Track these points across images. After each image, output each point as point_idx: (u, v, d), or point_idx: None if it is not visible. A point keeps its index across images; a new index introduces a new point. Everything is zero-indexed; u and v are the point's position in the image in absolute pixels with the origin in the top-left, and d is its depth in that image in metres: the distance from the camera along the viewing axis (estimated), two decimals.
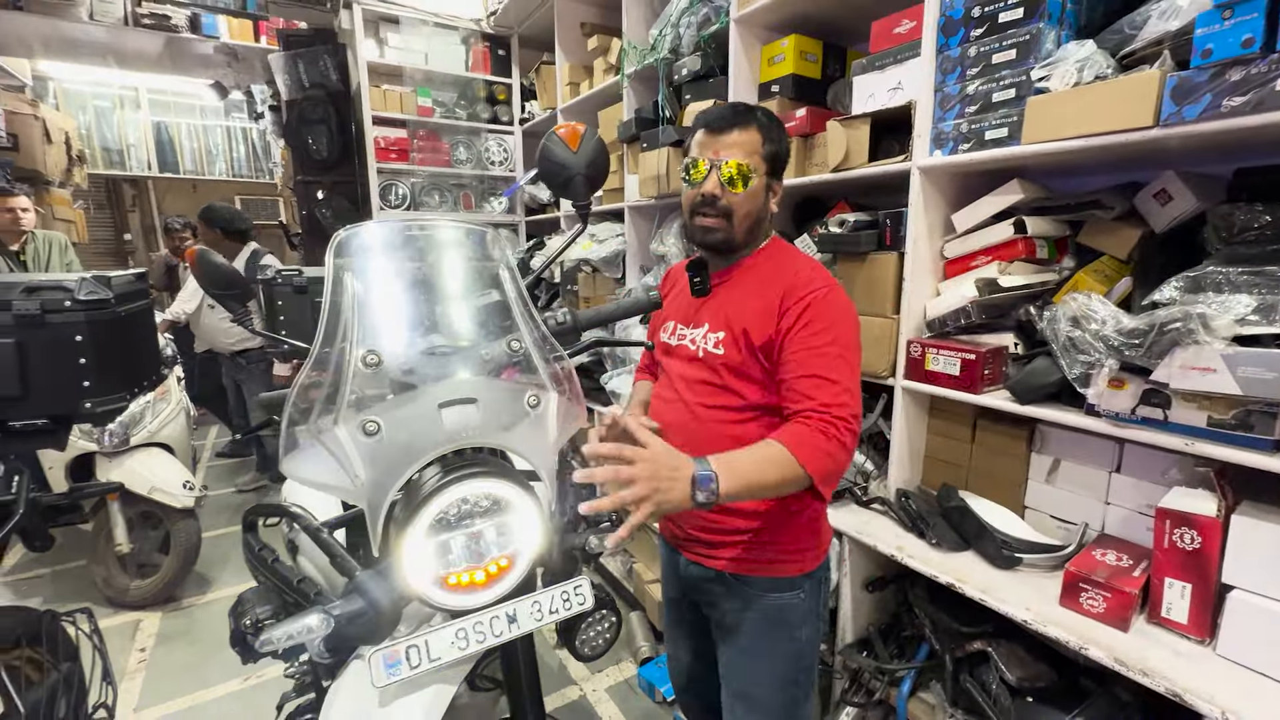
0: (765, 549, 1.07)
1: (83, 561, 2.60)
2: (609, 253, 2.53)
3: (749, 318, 1.03)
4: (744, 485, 0.84)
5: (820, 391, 0.94)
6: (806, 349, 0.97)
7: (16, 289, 1.26)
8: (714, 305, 1.10)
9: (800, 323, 0.99)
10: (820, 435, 0.90)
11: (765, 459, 0.88)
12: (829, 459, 0.90)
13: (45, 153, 4.47)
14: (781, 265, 1.07)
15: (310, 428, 0.75)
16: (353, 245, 0.84)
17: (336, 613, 0.75)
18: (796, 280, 1.01)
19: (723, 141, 1.03)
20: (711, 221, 1.05)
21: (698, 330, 1.11)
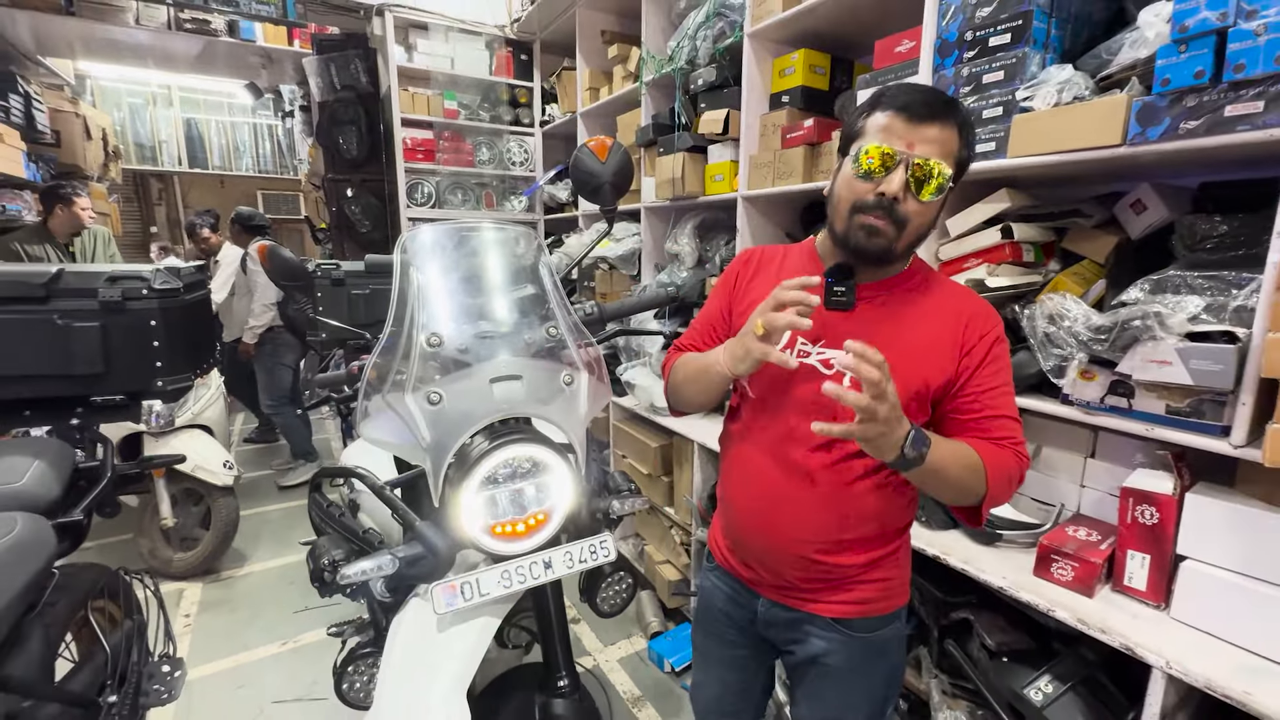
0: (870, 586, 0.99)
1: (130, 535, 2.77)
2: (625, 251, 2.66)
3: (924, 353, 0.89)
4: (940, 467, 0.81)
5: (1009, 430, 0.90)
6: (995, 388, 0.91)
7: (100, 278, 1.42)
8: (859, 326, 0.89)
9: (989, 358, 0.91)
10: (1014, 461, 0.88)
11: (961, 459, 0.84)
12: (1007, 486, 0.87)
13: (85, 149, 4.67)
14: (946, 289, 0.95)
15: (384, 398, 0.89)
16: (416, 244, 0.98)
17: (401, 554, 0.89)
18: (978, 310, 0.92)
19: (921, 134, 0.82)
20: (882, 224, 0.85)
21: (836, 351, 0.85)
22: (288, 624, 2.36)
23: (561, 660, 1.04)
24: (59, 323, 1.37)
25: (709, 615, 1.16)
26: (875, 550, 0.98)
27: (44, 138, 4.21)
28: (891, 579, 1.01)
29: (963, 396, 0.91)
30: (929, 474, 0.81)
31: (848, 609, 0.99)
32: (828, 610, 1.00)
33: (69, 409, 1.46)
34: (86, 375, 1.40)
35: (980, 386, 0.90)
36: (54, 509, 1.22)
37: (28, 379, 1.37)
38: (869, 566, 0.98)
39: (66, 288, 1.38)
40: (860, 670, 1.03)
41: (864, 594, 0.99)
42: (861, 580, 0.99)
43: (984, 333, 0.91)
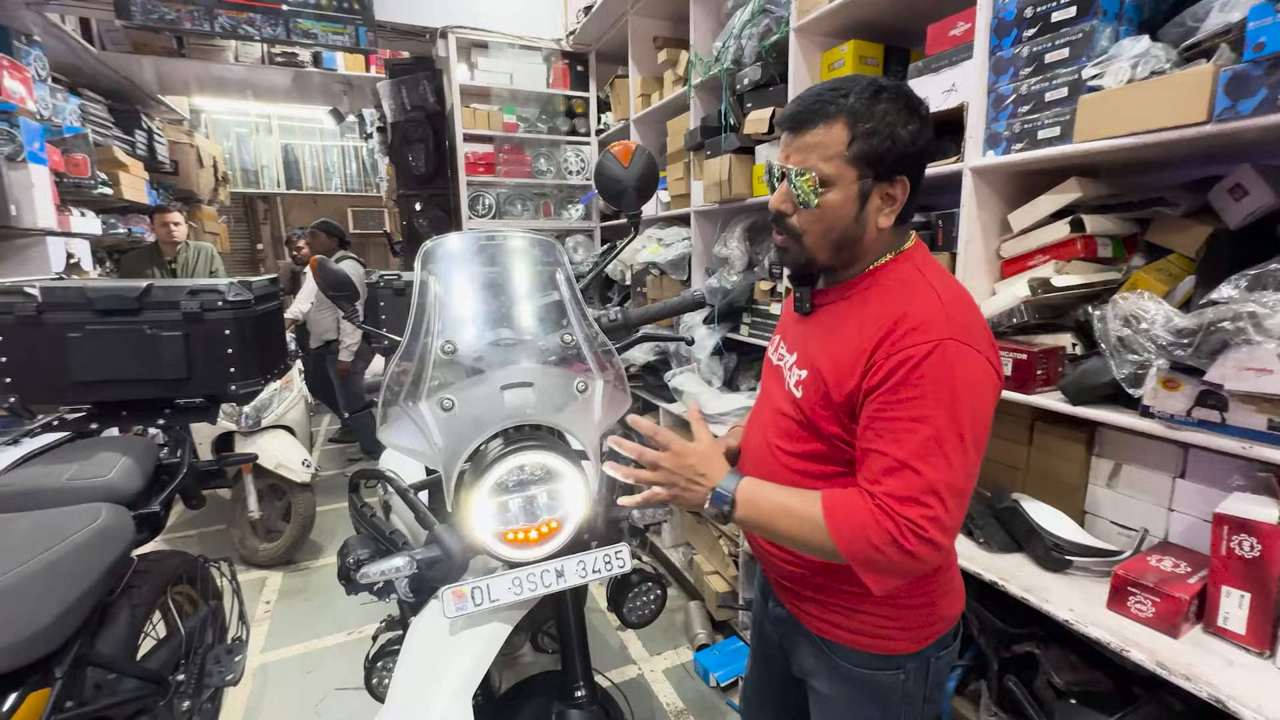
0: (854, 616, 0.89)
1: (223, 526, 3.04)
2: (675, 256, 2.64)
3: (832, 364, 0.83)
4: (759, 521, 0.81)
5: (890, 478, 0.73)
6: (886, 420, 0.75)
7: (183, 291, 1.56)
8: (808, 333, 0.91)
9: (889, 383, 0.75)
10: (871, 521, 0.73)
11: (793, 511, 0.79)
12: (871, 550, 0.72)
13: (198, 176, 5.21)
14: (895, 300, 0.80)
15: (401, 404, 0.92)
16: (436, 254, 1.01)
17: (419, 556, 0.91)
18: (902, 322, 0.76)
19: (798, 143, 0.81)
20: (780, 239, 0.87)
21: (790, 357, 0.92)
22: (355, 614, 2.49)
23: (579, 669, 1.04)
24: (148, 332, 1.51)
25: (755, 604, 1.16)
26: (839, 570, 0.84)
27: (164, 167, 4.73)
28: (892, 617, 0.88)
29: (863, 420, 0.79)
30: (749, 528, 0.84)
31: (830, 630, 0.92)
32: (812, 623, 0.95)
33: (158, 410, 1.62)
34: (172, 380, 1.54)
35: (872, 413, 0.77)
36: (136, 501, 1.35)
37: (124, 383, 1.52)
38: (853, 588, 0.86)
39: (155, 300, 1.52)
40: (845, 705, 0.94)
41: (848, 620, 0.90)
42: (843, 605, 0.90)
43: (896, 350, 0.75)
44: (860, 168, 0.79)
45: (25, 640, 1.00)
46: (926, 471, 0.71)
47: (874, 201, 0.82)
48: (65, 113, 3.46)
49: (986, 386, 0.77)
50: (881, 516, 0.72)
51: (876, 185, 0.81)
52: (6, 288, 1.46)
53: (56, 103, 3.36)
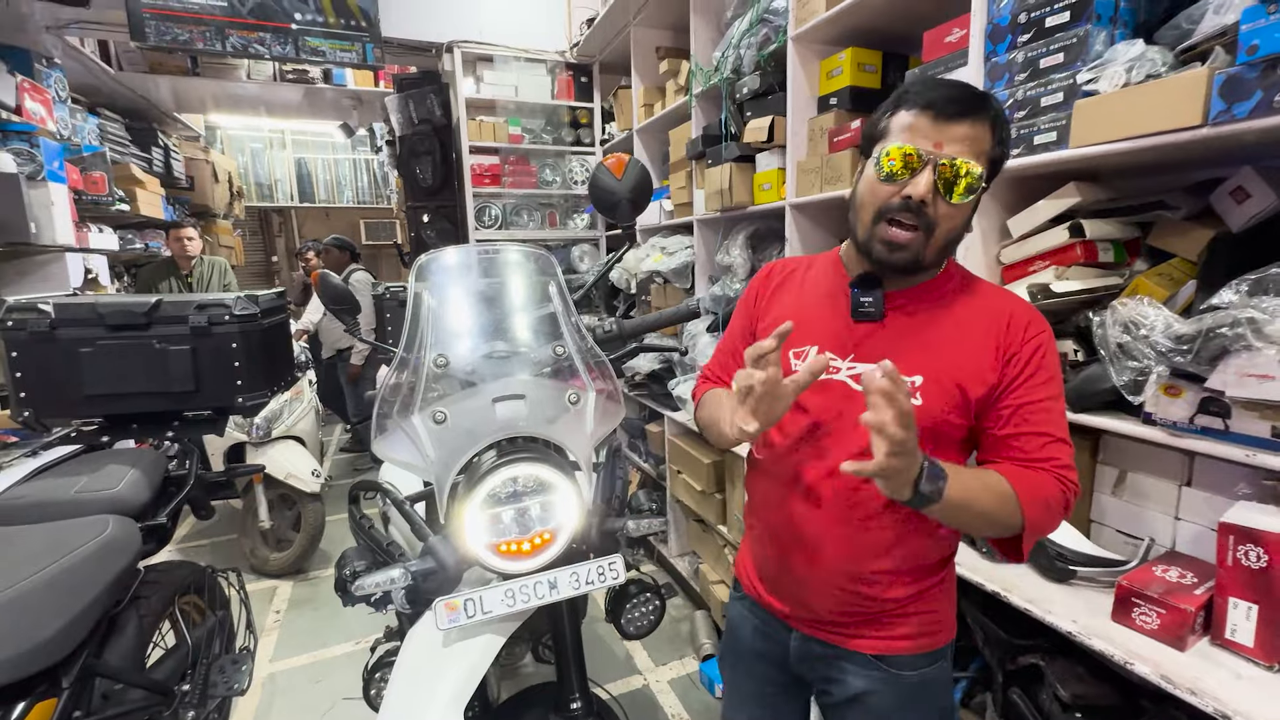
0: (911, 622, 0.92)
1: (234, 535, 3.08)
2: (679, 264, 2.64)
3: (963, 360, 0.82)
4: (963, 501, 0.72)
5: (1055, 451, 0.80)
6: (1038, 402, 0.81)
7: (191, 306, 1.59)
8: (892, 338, 0.85)
9: (1030, 369, 0.81)
10: (1055, 486, 0.79)
11: (989, 488, 0.76)
12: (1049, 515, 0.79)
13: (214, 191, 5.31)
14: (984, 292, 0.87)
15: (394, 417, 0.93)
16: (430, 268, 1.02)
17: (413, 568, 0.92)
18: (1018, 316, 0.83)
19: (950, 133, 0.76)
20: (907, 235, 0.79)
21: (868, 365, 0.80)
22: (362, 624, 2.50)
23: (575, 681, 1.04)
24: (157, 346, 1.54)
25: (737, 647, 1.08)
26: (916, 581, 0.91)
27: (180, 183, 4.83)
28: (936, 612, 0.94)
29: (1001, 408, 0.82)
30: (950, 509, 0.73)
31: (890, 644, 0.92)
32: (868, 646, 0.92)
33: (167, 423, 1.65)
34: (180, 393, 1.57)
35: (1021, 399, 0.82)
36: (143, 512, 1.37)
37: (134, 396, 1.56)
38: (911, 599, 0.91)
39: (163, 315, 1.56)
40: (908, 712, 0.95)
41: (907, 629, 0.92)
42: (903, 614, 0.91)
43: (1029, 337, 0.82)
44: (989, 171, 0.80)
45: (31, 650, 1.02)
46: (1067, 438, 0.82)
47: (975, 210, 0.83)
48: (84, 132, 3.56)
49: None
50: (1058, 485, 0.79)
51: (983, 190, 0.80)
52: (21, 305, 1.50)
53: (76, 122, 3.45)
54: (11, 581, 1.06)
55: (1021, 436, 0.81)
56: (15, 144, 2.80)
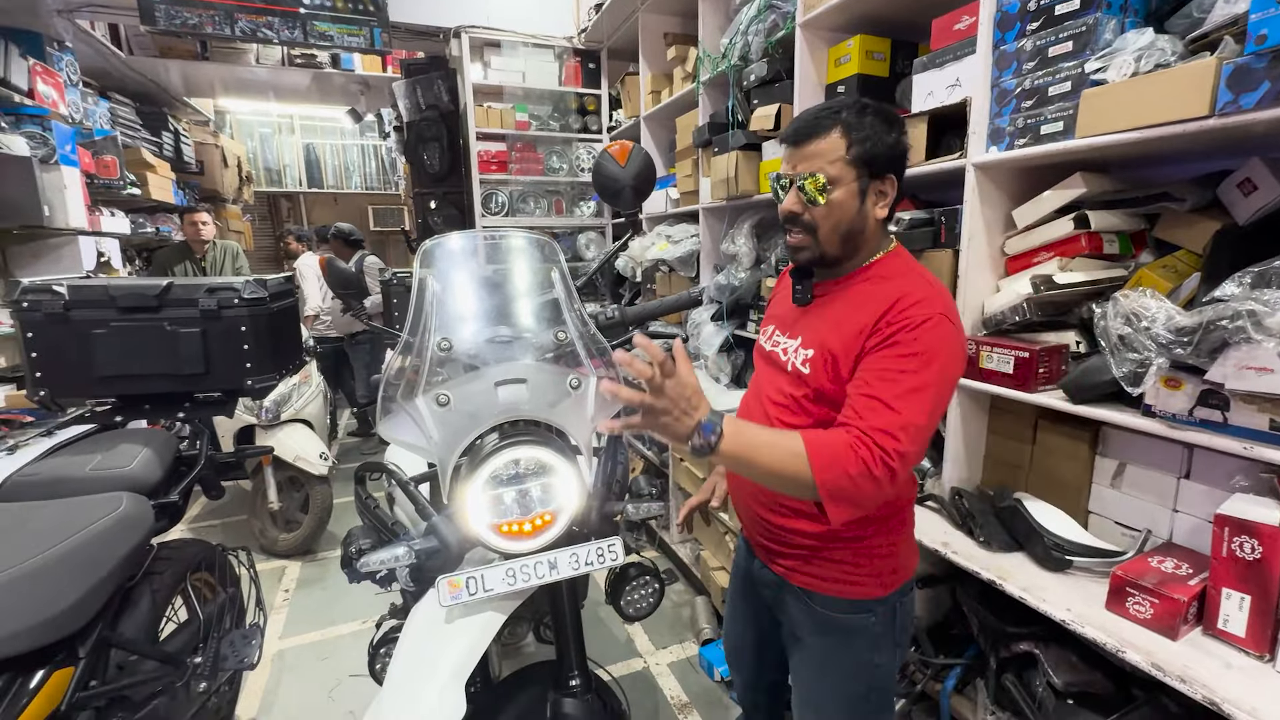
0: (828, 566, 1.03)
1: (245, 516, 3.13)
2: (684, 253, 2.65)
3: (840, 340, 0.95)
4: (742, 454, 0.83)
5: (873, 414, 0.84)
6: (879, 369, 0.88)
7: (201, 290, 1.61)
8: (811, 319, 1.04)
9: (889, 343, 0.89)
10: (849, 451, 0.82)
11: (776, 445, 0.85)
12: (845, 479, 0.81)
13: (223, 176, 5.34)
14: (890, 285, 0.95)
15: (399, 399, 0.95)
16: (435, 253, 1.04)
17: (417, 546, 0.94)
18: (904, 300, 0.91)
19: (802, 154, 0.97)
20: (797, 239, 1.00)
21: (792, 341, 1.04)
22: (369, 604, 2.55)
23: (574, 659, 1.06)
24: (168, 329, 1.57)
25: (735, 570, 1.30)
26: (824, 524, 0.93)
27: (190, 167, 4.86)
28: (859, 566, 1.03)
29: (856, 374, 0.93)
30: (730, 462, 0.85)
31: (811, 581, 1.06)
32: (796, 579, 1.07)
33: (178, 404, 1.68)
34: (191, 375, 1.60)
35: (869, 366, 0.91)
36: (156, 490, 1.40)
37: (146, 378, 1.58)
38: (828, 542, 1.02)
39: (174, 298, 1.58)
40: (827, 650, 1.08)
41: (825, 571, 1.04)
42: (822, 556, 1.04)
43: (903, 316, 0.90)
44: (858, 168, 0.95)
45: (49, 620, 1.06)
46: (904, 411, 0.84)
47: (870, 197, 0.97)
48: (95, 116, 3.58)
49: (962, 359, 0.95)
50: (860, 447, 0.83)
51: (871, 183, 0.96)
52: (36, 286, 1.53)
53: (87, 106, 3.47)
54: (29, 555, 1.10)
55: (853, 397, 0.89)
56: (28, 127, 2.83)
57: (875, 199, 0.97)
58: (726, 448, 0.83)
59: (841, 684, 1.08)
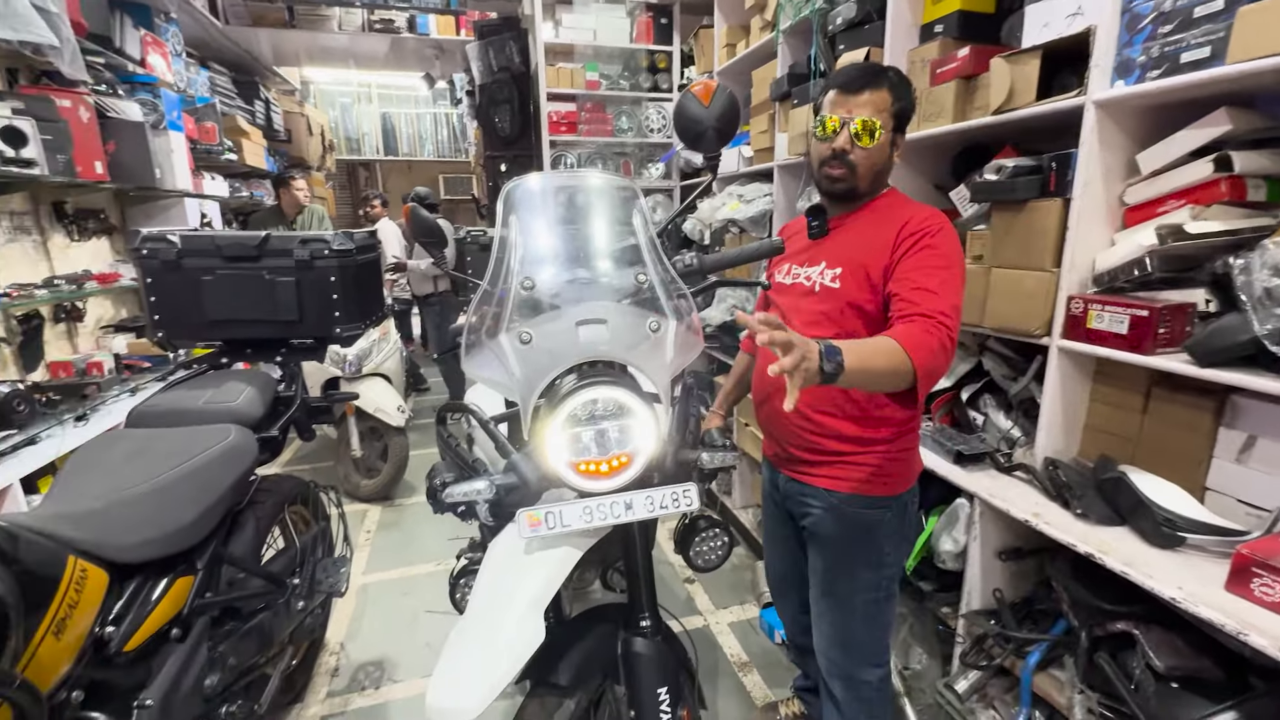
0: (857, 469, 1.20)
1: (331, 462, 3.36)
2: (756, 212, 2.56)
3: (868, 253, 1.14)
4: (861, 365, 0.89)
5: (927, 301, 1.03)
6: (918, 268, 1.07)
7: (295, 241, 1.70)
8: (831, 246, 1.22)
9: (916, 248, 1.09)
10: (926, 334, 0.98)
11: (879, 348, 0.96)
12: (931, 355, 0.97)
13: (308, 144, 5.60)
14: (898, 209, 1.17)
15: (483, 337, 0.96)
16: (517, 194, 1.04)
17: (498, 481, 0.97)
18: (914, 218, 1.13)
19: (856, 100, 1.13)
20: (839, 173, 1.17)
21: (814, 268, 1.23)
22: (443, 547, 2.70)
23: (645, 601, 1.07)
24: (266, 278, 1.67)
25: (765, 498, 1.45)
26: (859, 429, 1.19)
27: (279, 135, 5.12)
28: (881, 468, 1.20)
29: (893, 280, 1.10)
30: (854, 376, 0.89)
31: (836, 483, 1.22)
32: (822, 481, 1.23)
33: (275, 349, 1.80)
34: (286, 321, 1.70)
35: (905, 269, 1.08)
36: (258, 425, 1.51)
37: (248, 323, 1.70)
38: (856, 450, 1.20)
39: (272, 249, 1.67)
40: (845, 540, 1.24)
41: (849, 472, 1.21)
42: (849, 461, 1.21)
43: (914, 231, 1.10)
44: (894, 121, 1.15)
45: (171, 534, 1.17)
46: (945, 295, 1.04)
47: (894, 147, 1.18)
48: (197, 84, 3.81)
49: (962, 257, 1.13)
50: (935, 328, 0.99)
51: (895, 135, 1.17)
52: (154, 235, 1.66)
53: (189, 75, 3.70)
54: (156, 473, 1.21)
55: (903, 295, 1.06)
56: (140, 95, 3.04)
57: (894, 149, 1.18)
58: (850, 363, 0.88)
59: (857, 571, 1.24)
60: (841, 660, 1.31)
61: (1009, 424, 1.53)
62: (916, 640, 1.63)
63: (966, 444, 1.52)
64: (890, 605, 1.29)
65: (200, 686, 1.19)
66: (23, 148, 2.24)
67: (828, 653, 1.32)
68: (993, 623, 1.41)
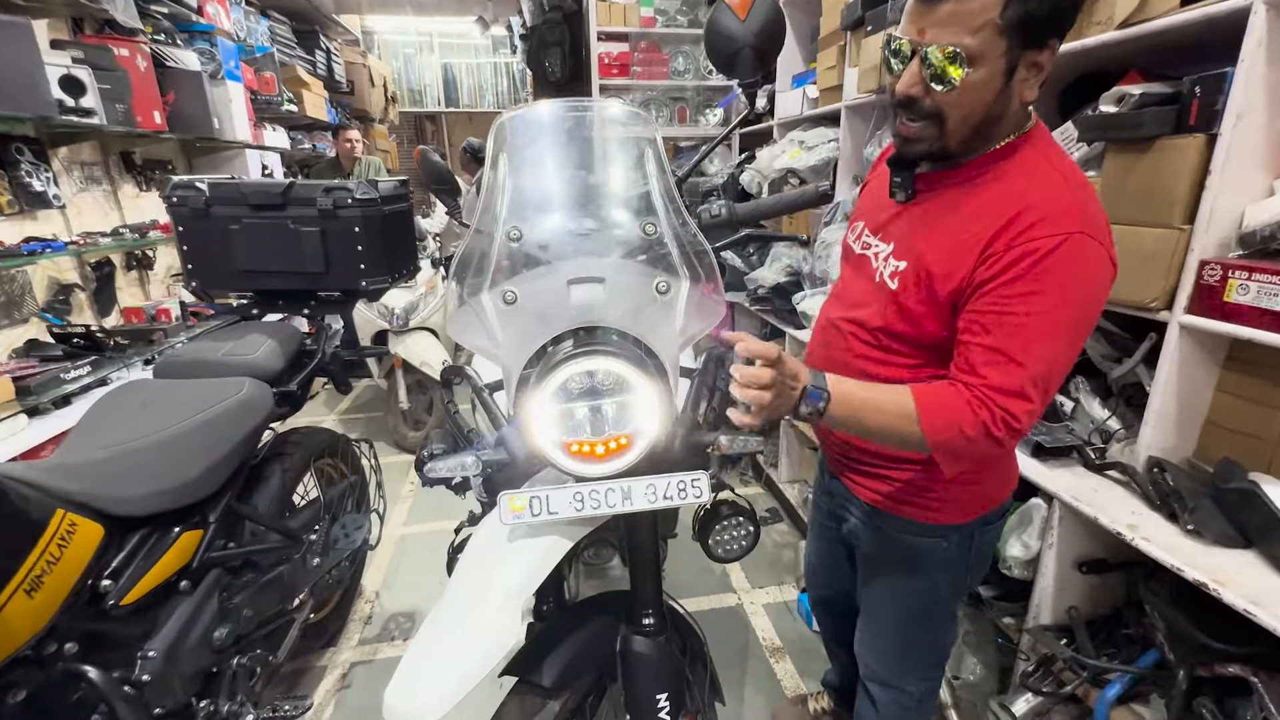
0: (906, 489, 0.97)
1: (382, 413, 3.43)
2: (819, 160, 2.30)
3: (941, 258, 0.80)
4: (851, 418, 0.78)
5: (994, 371, 0.74)
6: (999, 311, 0.74)
7: (319, 189, 1.63)
8: (909, 221, 0.87)
9: (1007, 275, 0.73)
10: (966, 411, 0.74)
11: (885, 406, 0.78)
12: (960, 440, 0.75)
13: (371, 95, 5.62)
14: (1018, 188, 0.76)
15: (465, 295, 0.84)
16: (510, 127, 0.89)
17: (485, 457, 0.87)
18: (1029, 212, 0.72)
19: (935, 14, 0.72)
20: (912, 129, 0.80)
21: (884, 246, 0.90)
22: None
23: (650, 596, 0.96)
24: (291, 227, 1.62)
25: (816, 489, 1.28)
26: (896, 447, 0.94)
27: (340, 87, 5.15)
28: (933, 491, 0.95)
29: (968, 312, 0.78)
30: (839, 423, 0.79)
31: (876, 497, 1.01)
32: (861, 493, 1.03)
33: (304, 302, 1.77)
34: (313, 273, 1.66)
35: (986, 306, 0.75)
36: (277, 379, 1.49)
37: (276, 274, 1.67)
38: (899, 463, 0.96)
39: (296, 197, 1.62)
40: (887, 563, 1.05)
41: (894, 490, 0.98)
42: (893, 474, 0.98)
43: (1016, 241, 0.73)
44: (1011, 37, 0.71)
45: (180, 486, 1.15)
46: (1031, 365, 0.73)
47: (1021, 72, 0.74)
48: (256, 34, 3.83)
49: (1106, 283, 0.76)
50: (979, 407, 0.74)
51: (1025, 54, 0.73)
52: (183, 182, 1.63)
53: (249, 24, 3.71)
54: (166, 425, 1.19)
55: (970, 346, 0.77)
56: (198, 44, 3.07)
57: (1027, 75, 0.75)
58: (835, 411, 0.77)
59: (903, 599, 1.07)
60: (880, 670, 1.17)
61: (1105, 413, 1.28)
62: (970, 648, 1.45)
63: (1049, 434, 1.30)
64: (945, 627, 1.14)
65: (209, 638, 1.19)
66: (81, 97, 2.29)
67: (867, 659, 1.20)
68: (1064, 642, 1.21)
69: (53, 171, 2.43)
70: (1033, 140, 0.80)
